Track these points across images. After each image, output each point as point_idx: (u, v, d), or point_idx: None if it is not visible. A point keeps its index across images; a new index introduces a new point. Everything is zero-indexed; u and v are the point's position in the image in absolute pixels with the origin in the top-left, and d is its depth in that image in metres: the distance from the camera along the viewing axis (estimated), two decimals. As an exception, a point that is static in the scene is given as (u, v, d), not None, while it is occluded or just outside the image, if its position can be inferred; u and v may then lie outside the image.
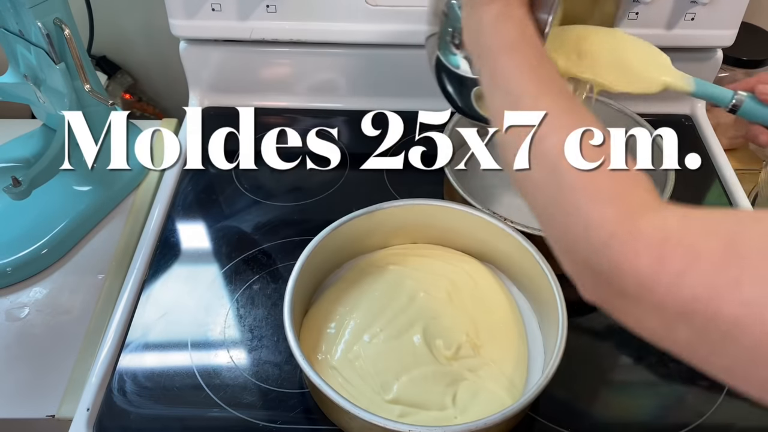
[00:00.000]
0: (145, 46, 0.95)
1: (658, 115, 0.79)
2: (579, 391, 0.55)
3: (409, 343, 0.55)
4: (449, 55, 0.51)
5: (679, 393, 0.55)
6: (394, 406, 0.51)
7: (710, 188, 0.73)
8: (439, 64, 0.52)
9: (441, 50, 0.51)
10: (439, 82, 0.54)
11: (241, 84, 0.81)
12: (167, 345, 0.58)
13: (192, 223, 0.69)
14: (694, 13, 0.73)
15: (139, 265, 0.64)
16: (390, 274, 0.60)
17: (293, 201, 0.71)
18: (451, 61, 0.51)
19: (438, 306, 0.58)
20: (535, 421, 0.53)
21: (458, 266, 0.61)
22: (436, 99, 0.81)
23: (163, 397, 0.54)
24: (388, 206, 0.60)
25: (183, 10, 0.74)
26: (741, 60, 0.81)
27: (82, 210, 0.70)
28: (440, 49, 0.51)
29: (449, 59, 0.52)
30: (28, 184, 0.61)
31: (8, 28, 0.64)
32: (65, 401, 0.56)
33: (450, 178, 0.62)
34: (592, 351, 0.58)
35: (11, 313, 0.63)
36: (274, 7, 0.74)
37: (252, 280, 0.63)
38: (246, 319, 0.59)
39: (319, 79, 0.81)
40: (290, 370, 0.56)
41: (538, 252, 0.55)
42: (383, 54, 0.79)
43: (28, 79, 0.67)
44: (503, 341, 0.56)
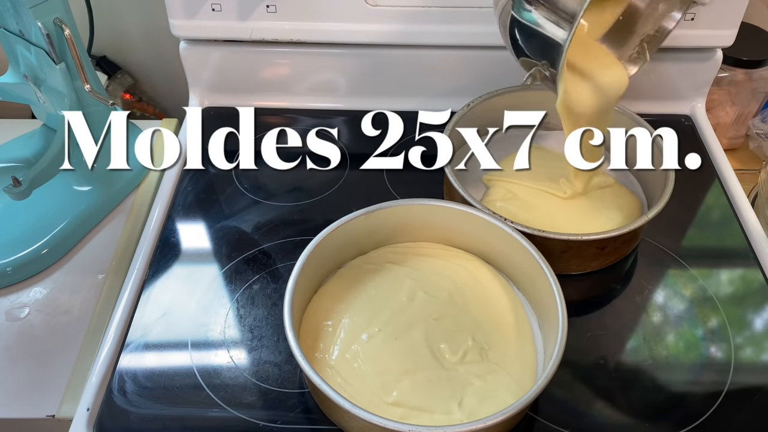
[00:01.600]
0: (145, 46, 0.95)
1: (658, 115, 0.79)
2: (579, 391, 0.55)
3: (410, 344, 0.55)
4: (523, 11, 0.55)
5: (679, 393, 0.55)
6: (395, 408, 0.50)
7: (710, 188, 0.73)
8: (514, 21, 0.56)
9: (515, 8, 0.55)
10: (513, 40, 0.58)
11: (241, 84, 0.81)
12: (167, 345, 0.58)
13: (192, 223, 0.69)
14: (694, 13, 0.73)
15: (139, 265, 0.64)
16: (389, 272, 0.60)
17: (293, 201, 0.71)
18: (525, 17, 0.55)
19: (440, 307, 0.57)
20: (535, 421, 0.53)
21: (460, 266, 0.61)
22: (436, 99, 0.81)
23: (163, 397, 0.54)
24: (388, 206, 0.60)
25: (183, 10, 0.74)
26: (741, 60, 0.81)
27: (82, 210, 0.70)
28: (514, 7, 0.55)
29: (523, 15, 0.55)
30: (28, 184, 0.61)
31: (8, 28, 0.64)
32: (65, 401, 0.56)
33: (450, 178, 0.62)
34: (592, 351, 0.58)
35: (11, 313, 0.63)
36: (274, 7, 0.74)
37: (252, 280, 0.63)
38: (246, 319, 0.59)
39: (319, 79, 0.81)
40: (290, 370, 0.56)
41: (538, 252, 0.55)
42: (383, 54, 0.79)
43: (28, 79, 0.67)
44: (510, 344, 0.55)
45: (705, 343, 0.58)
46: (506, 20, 0.57)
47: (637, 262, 0.65)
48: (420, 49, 0.79)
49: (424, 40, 0.77)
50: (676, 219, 0.68)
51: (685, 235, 0.68)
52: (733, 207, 0.70)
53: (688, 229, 0.69)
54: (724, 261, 0.66)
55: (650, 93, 0.81)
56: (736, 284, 0.64)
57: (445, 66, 0.79)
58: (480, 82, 0.73)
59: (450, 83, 0.80)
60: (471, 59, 0.79)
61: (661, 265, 0.65)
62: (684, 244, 0.67)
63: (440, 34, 0.76)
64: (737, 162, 0.87)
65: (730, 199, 0.71)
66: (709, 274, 0.64)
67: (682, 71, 0.80)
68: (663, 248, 0.66)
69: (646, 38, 0.67)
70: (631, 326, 0.60)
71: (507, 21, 0.57)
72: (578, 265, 0.62)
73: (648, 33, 0.67)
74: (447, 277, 0.60)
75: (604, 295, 0.63)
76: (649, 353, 0.57)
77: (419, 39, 0.77)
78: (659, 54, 0.77)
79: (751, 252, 0.66)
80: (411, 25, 0.75)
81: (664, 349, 0.58)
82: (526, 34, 0.56)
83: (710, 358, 0.57)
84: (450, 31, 0.75)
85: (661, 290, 0.63)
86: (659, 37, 0.67)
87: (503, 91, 0.71)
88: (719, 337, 0.59)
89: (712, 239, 0.69)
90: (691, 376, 0.56)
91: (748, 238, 0.67)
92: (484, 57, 0.78)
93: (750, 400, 0.55)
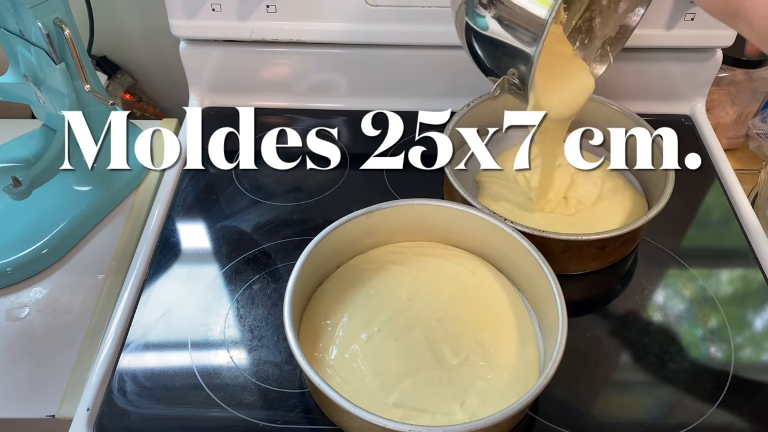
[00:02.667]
0: (145, 46, 0.95)
1: (658, 115, 0.79)
2: (579, 391, 0.55)
3: (410, 345, 0.54)
4: (476, 17, 0.52)
5: (679, 393, 0.55)
6: (396, 409, 0.50)
7: (710, 188, 0.73)
8: (469, 28, 0.53)
9: (469, 14, 0.52)
10: (470, 47, 0.55)
11: (241, 84, 0.81)
12: (167, 345, 0.58)
13: (192, 223, 0.69)
14: (694, 13, 0.73)
15: (139, 265, 0.64)
16: (389, 272, 0.60)
17: (293, 201, 0.71)
18: (479, 24, 0.52)
19: (441, 307, 0.57)
20: (535, 421, 0.53)
21: (461, 265, 0.61)
22: (436, 99, 0.81)
23: (163, 397, 0.54)
24: (388, 206, 0.60)
25: (183, 10, 0.74)
26: (741, 60, 0.81)
27: (82, 210, 0.70)
28: (468, 13, 0.52)
29: (477, 22, 0.52)
30: (28, 184, 0.61)
31: (8, 28, 0.64)
32: (65, 401, 0.56)
33: (450, 178, 0.62)
34: (592, 351, 0.58)
35: (11, 313, 0.63)
36: (274, 7, 0.74)
37: (252, 280, 0.63)
38: (246, 319, 0.59)
39: (319, 79, 0.81)
40: (290, 370, 0.56)
41: (538, 252, 0.55)
42: (383, 54, 0.79)
43: (28, 79, 0.67)
44: (513, 345, 0.55)
45: (705, 343, 0.58)
46: (463, 33, 0.54)
47: (637, 262, 0.65)
48: (420, 49, 0.79)
49: (424, 40, 0.77)
50: (676, 219, 0.68)
51: (685, 235, 0.68)
52: (733, 207, 0.70)
53: (688, 229, 0.69)
54: (724, 261, 0.66)
55: (650, 93, 0.81)
56: (736, 284, 0.64)
57: (445, 66, 0.79)
58: (480, 82, 0.73)
59: (450, 83, 0.80)
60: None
61: (661, 265, 0.65)
62: (684, 244, 0.67)
63: (440, 34, 0.75)
64: (737, 162, 0.87)
65: (730, 199, 0.71)
66: (709, 274, 0.64)
67: (682, 71, 0.80)
68: (663, 248, 0.66)
69: (608, 40, 0.66)
70: (631, 326, 0.60)
71: (464, 34, 0.54)
72: (578, 265, 0.62)
73: (609, 35, 0.66)
74: (448, 276, 0.60)
75: (604, 295, 0.63)
76: (649, 353, 0.57)
77: (419, 39, 0.77)
78: (659, 54, 0.78)
79: (751, 252, 0.66)
80: (411, 25, 0.75)
81: (664, 349, 0.58)
82: (489, 46, 0.53)
83: (710, 358, 0.57)
84: (450, 31, 0.75)
85: (661, 290, 0.63)
86: (621, 38, 0.66)
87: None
88: (719, 337, 0.59)
89: (712, 239, 0.69)
90: (691, 376, 0.56)
91: (748, 238, 0.67)
92: (484, 57, 0.77)
93: (750, 400, 0.55)
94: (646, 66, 0.79)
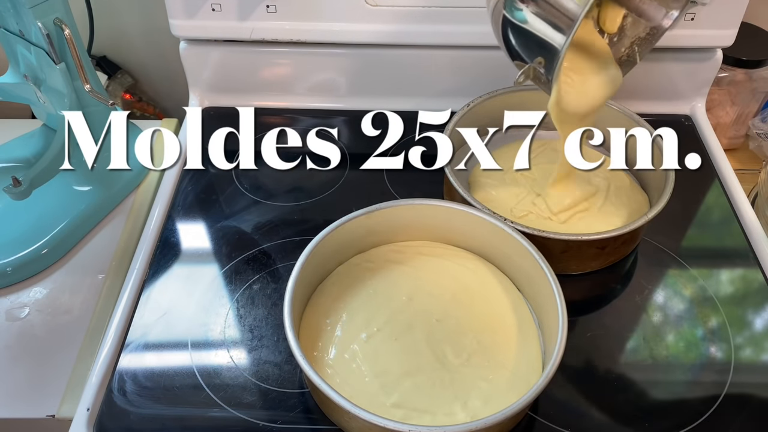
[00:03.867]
0: (145, 46, 0.95)
1: (658, 115, 0.79)
2: (579, 391, 0.55)
3: (411, 345, 0.54)
4: (515, 11, 0.53)
5: (678, 393, 0.55)
6: (396, 409, 0.50)
7: (710, 188, 0.73)
8: (506, 21, 0.54)
9: (507, 8, 0.53)
10: (506, 41, 0.56)
11: (241, 84, 0.81)
12: (167, 345, 0.58)
13: (192, 223, 0.69)
14: (694, 13, 0.73)
15: (139, 265, 0.64)
16: (389, 271, 0.60)
17: (293, 201, 0.71)
18: (517, 17, 0.53)
19: (441, 307, 0.57)
20: (535, 421, 0.53)
21: (462, 265, 0.61)
22: (436, 99, 0.81)
23: (163, 397, 0.54)
24: (388, 206, 0.60)
25: (183, 10, 0.74)
26: (741, 60, 0.81)
27: (82, 210, 0.70)
28: (506, 6, 0.53)
29: (515, 15, 0.53)
30: (28, 184, 0.61)
31: (8, 28, 0.64)
32: (65, 401, 0.56)
33: (450, 178, 0.62)
34: (592, 351, 0.58)
35: (11, 313, 0.63)
36: (274, 7, 0.74)
37: (252, 280, 0.63)
38: (246, 319, 0.59)
39: (319, 79, 0.81)
40: (290, 370, 0.56)
41: (538, 252, 0.55)
42: (383, 54, 0.79)
43: (28, 79, 0.67)
44: (515, 344, 0.55)
45: (705, 343, 0.58)
46: (498, 20, 0.56)
47: (637, 262, 0.65)
48: (420, 49, 0.79)
49: (424, 40, 0.77)
50: (676, 219, 0.68)
51: (685, 235, 0.68)
52: (733, 207, 0.70)
53: (688, 229, 0.69)
54: (724, 261, 0.66)
55: (650, 93, 0.81)
56: (736, 284, 0.64)
57: (445, 66, 0.79)
58: (480, 82, 0.73)
59: (450, 83, 0.80)
60: (471, 59, 0.79)
61: (661, 265, 0.65)
62: (684, 244, 0.67)
63: (440, 34, 0.76)
64: (737, 162, 0.87)
65: (730, 199, 0.71)
66: (709, 274, 0.64)
67: (682, 71, 0.80)
68: (663, 248, 0.66)
69: (637, 40, 0.66)
70: (631, 326, 0.60)
71: (499, 21, 0.56)
72: (578, 265, 0.62)
73: (639, 35, 0.66)
74: (449, 276, 0.60)
75: (604, 295, 0.63)
76: (649, 353, 0.57)
77: (419, 39, 0.77)
78: (659, 54, 0.78)
79: (751, 252, 0.66)
80: (411, 25, 0.75)
81: (664, 349, 0.58)
82: (520, 35, 0.55)
83: (710, 358, 0.57)
84: (450, 31, 0.76)
85: (661, 290, 0.63)
86: (651, 39, 0.66)
87: (503, 91, 0.71)
88: (719, 337, 0.59)
89: (712, 239, 0.69)
90: (691, 376, 0.56)
91: (748, 238, 0.67)
92: (484, 57, 0.78)
93: (750, 400, 0.55)
94: (646, 66, 0.79)
